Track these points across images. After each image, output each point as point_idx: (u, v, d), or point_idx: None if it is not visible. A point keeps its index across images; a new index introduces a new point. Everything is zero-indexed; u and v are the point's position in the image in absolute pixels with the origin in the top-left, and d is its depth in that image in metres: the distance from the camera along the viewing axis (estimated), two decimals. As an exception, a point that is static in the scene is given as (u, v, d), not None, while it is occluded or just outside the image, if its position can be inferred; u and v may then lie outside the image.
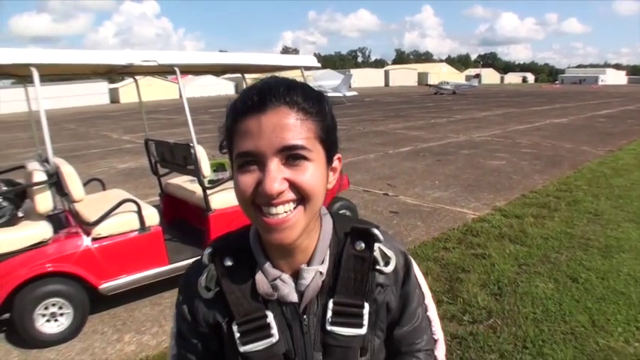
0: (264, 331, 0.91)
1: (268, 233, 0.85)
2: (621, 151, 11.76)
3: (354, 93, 38.02)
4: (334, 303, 0.93)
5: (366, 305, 0.94)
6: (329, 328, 0.93)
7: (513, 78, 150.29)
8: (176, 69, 4.00)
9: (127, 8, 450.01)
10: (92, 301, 3.78)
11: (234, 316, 0.92)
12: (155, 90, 49.13)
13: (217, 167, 4.72)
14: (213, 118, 23.70)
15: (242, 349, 0.91)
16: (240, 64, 4.83)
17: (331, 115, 0.90)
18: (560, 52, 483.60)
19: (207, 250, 0.96)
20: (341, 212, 5.22)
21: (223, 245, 0.97)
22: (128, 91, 55.47)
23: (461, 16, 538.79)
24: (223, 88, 68.65)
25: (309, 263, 0.94)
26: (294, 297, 0.92)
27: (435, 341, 1.11)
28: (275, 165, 0.80)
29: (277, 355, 0.92)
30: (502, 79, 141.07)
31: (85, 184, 4.73)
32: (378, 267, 0.97)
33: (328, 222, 0.99)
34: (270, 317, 0.92)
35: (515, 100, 38.31)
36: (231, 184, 3.49)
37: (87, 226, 3.71)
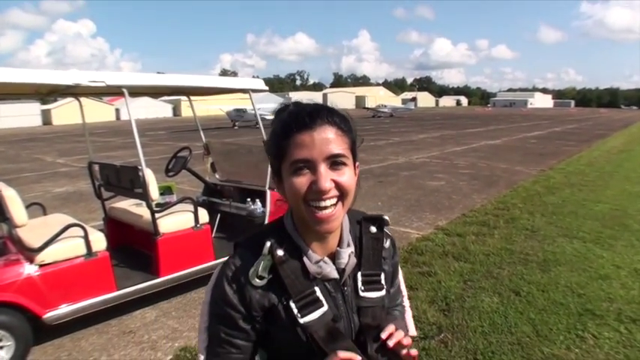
0: (316, 303, 1.12)
1: (319, 225, 1.08)
2: (552, 171, 12.45)
3: (294, 116, 38.15)
4: (362, 275, 1.20)
5: (382, 273, 1.24)
6: (362, 294, 1.19)
7: (448, 101, 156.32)
8: (124, 90, 3.93)
9: (60, 27, 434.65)
10: (35, 332, 3.57)
11: (290, 296, 1.11)
12: (89, 111, 47.21)
13: (165, 191, 4.64)
14: (151, 140, 23.22)
15: (302, 320, 1.10)
16: (189, 86, 4.80)
17: (355, 132, 1.14)
18: (491, 76, 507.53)
19: (266, 245, 1.13)
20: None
21: (269, 236, 1.15)
22: (61, 113, 53.44)
23: (397, 41, 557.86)
24: (161, 110, 67.32)
25: (339, 246, 1.19)
26: (335, 274, 1.16)
27: (403, 295, 1.47)
28: (324, 168, 1.04)
29: (328, 320, 1.13)
30: (437, 102, 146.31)
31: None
32: (383, 245, 1.27)
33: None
34: (318, 292, 1.14)
35: (451, 123, 39.79)
36: (180, 207, 3.43)
37: (30, 253, 3.53)
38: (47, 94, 4.45)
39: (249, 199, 5.01)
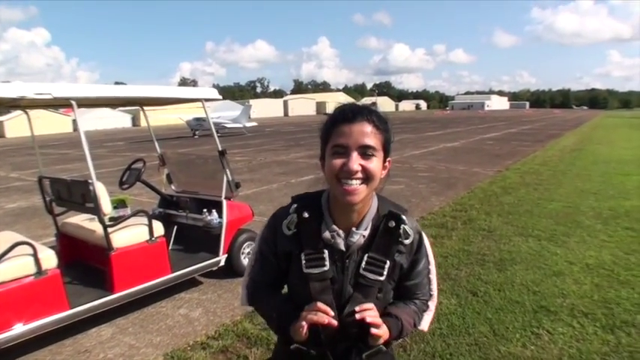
0: (321, 261, 1.40)
1: (344, 196, 1.33)
2: (508, 171, 12.78)
3: (254, 123, 37.92)
4: (368, 257, 1.42)
5: (388, 262, 1.42)
6: (362, 272, 1.41)
7: (407, 105, 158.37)
8: (72, 102, 3.81)
9: (13, 35, 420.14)
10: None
11: (303, 249, 1.42)
12: (45, 123, 45.55)
13: (118, 204, 4.52)
14: (110, 152, 22.68)
15: (305, 270, 1.41)
16: (140, 97, 4.70)
17: (391, 133, 1.41)
18: (449, 80, 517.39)
19: (293, 206, 1.47)
20: (247, 243, 5.16)
21: (304, 202, 1.47)
22: (14, 125, 51.50)
23: (356, 47, 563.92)
24: (120, 120, 65.79)
25: (357, 228, 1.42)
26: (342, 247, 1.42)
27: (431, 295, 1.61)
28: (356, 155, 1.32)
29: (326, 278, 1.40)
30: (397, 106, 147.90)
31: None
32: (400, 239, 1.44)
33: (375, 202, 1.47)
34: (326, 254, 1.41)
35: (411, 127, 40.31)
36: (134, 220, 3.36)
37: (-27, 274, 3.38)
38: (-9, 107, 4.29)
39: (205, 210, 4.94)
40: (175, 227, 5.36)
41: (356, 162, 1.31)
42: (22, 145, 31.73)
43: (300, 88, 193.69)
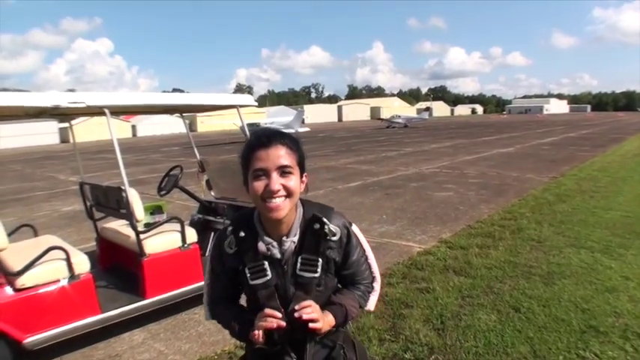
0: (263, 272, 1.59)
1: (270, 213, 1.50)
2: (564, 177, 12.19)
3: (307, 129, 38.26)
4: (301, 258, 1.60)
5: (320, 259, 1.61)
6: (298, 272, 1.60)
7: (463, 110, 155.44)
8: (106, 110, 3.87)
9: (79, 46, 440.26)
10: (16, 358, 3.50)
11: (245, 264, 1.60)
12: (104, 129, 47.79)
13: (154, 210, 4.57)
14: (164, 157, 23.35)
15: (251, 282, 1.60)
16: (175, 105, 4.74)
17: (303, 151, 1.60)
18: (506, 83, 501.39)
19: (229, 228, 1.65)
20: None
21: (238, 221, 1.66)
22: (79, 130, 54.07)
23: (410, 51, 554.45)
24: (177, 126, 67.56)
25: (287, 236, 1.60)
26: (278, 255, 1.61)
27: (373, 277, 1.82)
28: (275, 175, 1.49)
29: (270, 285, 1.59)
30: (452, 111, 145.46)
31: (14, 231, 4.53)
32: (328, 237, 1.62)
33: (300, 210, 1.64)
34: (267, 264, 1.59)
35: (465, 132, 39.46)
36: (167, 227, 3.38)
37: (10, 276, 3.48)
38: (36, 115, 4.42)
39: (242, 217, 4.92)
40: (213, 234, 5.35)
41: (277, 182, 1.48)
42: (85, 150, 33.29)
43: (354, 94, 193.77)
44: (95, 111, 4.01)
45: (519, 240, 6.56)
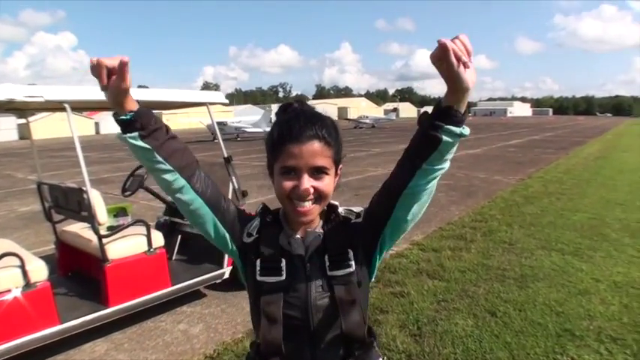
0: (276, 270, 1.30)
1: (297, 217, 1.30)
2: (530, 179, 12.37)
3: (275, 129, 38.01)
4: (328, 257, 1.32)
5: (350, 250, 1.32)
6: (330, 273, 1.30)
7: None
8: (66, 106, 3.62)
9: (40, 39, 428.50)
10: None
11: (260, 255, 1.32)
12: (65, 126, 46.20)
13: (118, 212, 4.33)
14: (129, 155, 22.70)
15: (259, 278, 1.30)
16: (141, 101, 4.47)
17: (340, 140, 1.35)
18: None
19: (260, 207, 1.42)
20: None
21: (266, 208, 1.41)
22: (39, 127, 52.38)
23: (378, 52, 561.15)
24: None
25: (310, 228, 1.36)
26: (301, 251, 1.33)
27: None
28: (307, 177, 1.25)
29: (280, 288, 1.29)
30: (419, 112, 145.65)
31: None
32: (352, 221, 1.37)
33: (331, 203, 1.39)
34: (284, 264, 1.30)
35: (432, 132, 39.80)
36: (132, 230, 3.12)
37: (-43, 287, 3.21)
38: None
39: (209, 219, 4.72)
40: (180, 236, 5.14)
41: (308, 184, 1.25)
42: (45, 147, 32.20)
43: (322, 94, 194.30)
44: (54, 106, 3.75)
45: (491, 242, 6.55)
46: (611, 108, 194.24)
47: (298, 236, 1.35)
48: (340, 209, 1.40)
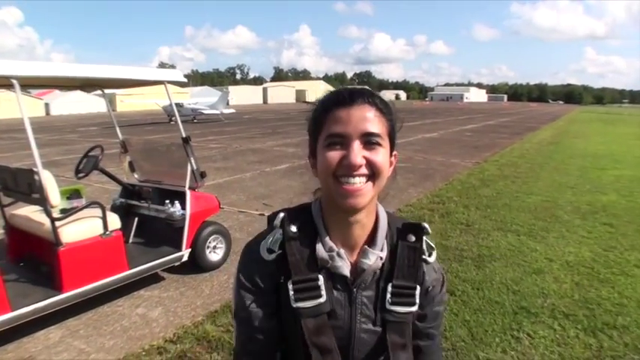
0: (314, 291, 1.06)
1: (344, 199, 1.02)
2: (486, 163, 12.66)
3: (232, 110, 37.29)
4: (393, 286, 1.10)
5: (418, 287, 1.12)
6: (389, 307, 1.10)
7: (387, 95, 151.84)
8: (14, 82, 3.41)
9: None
10: None
11: (290, 276, 1.07)
12: (13, 107, 44.08)
13: (71, 194, 4.17)
14: (81, 137, 21.99)
15: (295, 304, 1.06)
16: (97, 78, 4.31)
17: (396, 118, 1.12)
18: (429, 71, 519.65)
19: (280, 215, 1.12)
20: (213, 237, 4.90)
21: (291, 213, 1.14)
22: (-15, 108, 49.77)
23: (337, 35, 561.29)
24: (96, 105, 63.57)
25: (369, 246, 1.11)
26: (346, 271, 1.08)
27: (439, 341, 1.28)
28: (357, 145, 1.01)
29: (322, 312, 1.07)
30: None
31: None
32: (424, 256, 1.15)
33: (383, 213, 1.17)
34: (321, 281, 1.07)
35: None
36: (87, 212, 2.98)
37: None
38: None
39: (167, 201, 4.61)
40: (137, 219, 5.00)
41: (359, 154, 1.01)
42: (-10, 130, 30.72)
43: (280, 76, 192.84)
44: (1, 82, 3.54)
45: (449, 224, 6.67)
46: (563, 96, 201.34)
47: (344, 251, 1.10)
48: (427, 234, 1.16)
